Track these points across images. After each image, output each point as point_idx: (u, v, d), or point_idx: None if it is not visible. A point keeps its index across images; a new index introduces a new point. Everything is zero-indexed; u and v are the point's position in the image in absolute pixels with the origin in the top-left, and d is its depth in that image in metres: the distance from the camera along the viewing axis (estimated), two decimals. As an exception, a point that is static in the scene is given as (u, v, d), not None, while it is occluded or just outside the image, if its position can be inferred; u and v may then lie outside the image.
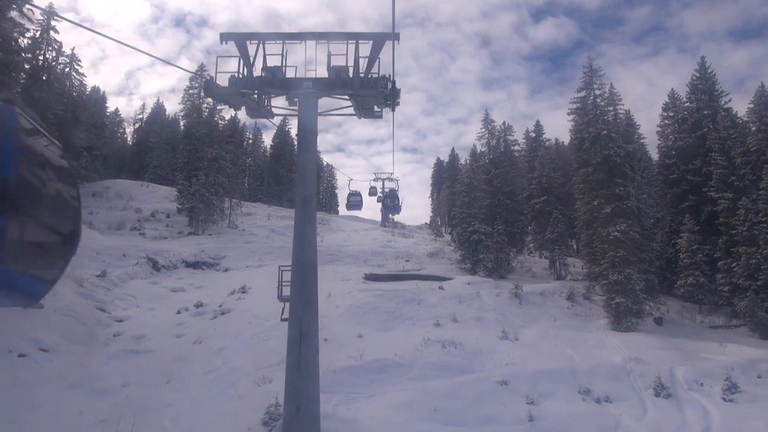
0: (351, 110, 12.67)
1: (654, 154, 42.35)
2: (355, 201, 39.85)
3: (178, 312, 27.81)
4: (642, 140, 43.47)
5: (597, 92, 31.70)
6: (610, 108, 31.99)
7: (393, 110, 12.46)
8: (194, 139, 46.38)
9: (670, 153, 36.67)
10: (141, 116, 72.22)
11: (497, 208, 40.27)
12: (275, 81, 11.73)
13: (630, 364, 20.22)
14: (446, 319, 23.41)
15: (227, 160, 46.15)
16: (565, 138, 64.02)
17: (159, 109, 70.14)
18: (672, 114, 37.90)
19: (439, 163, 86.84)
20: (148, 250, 36.44)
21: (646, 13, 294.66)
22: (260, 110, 12.29)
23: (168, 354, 21.83)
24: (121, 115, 72.45)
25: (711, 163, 33.07)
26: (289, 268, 11.60)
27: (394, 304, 24.33)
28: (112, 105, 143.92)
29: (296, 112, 11.97)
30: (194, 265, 35.59)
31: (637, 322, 27.23)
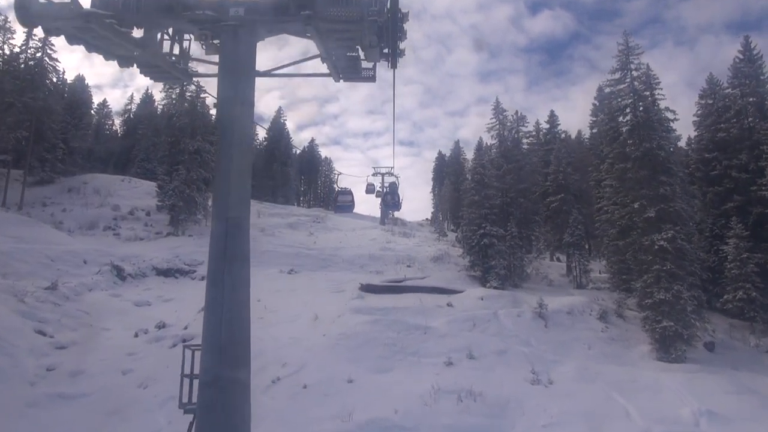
0: (320, 65, 6.99)
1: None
2: (345, 201, 29.71)
3: (136, 335, 22.27)
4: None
5: (634, 74, 25.84)
6: (647, 93, 26.23)
7: (394, 64, 6.84)
8: (176, 129, 40.65)
9: (709, 146, 30.91)
10: (129, 107, 66.44)
11: (509, 208, 34.59)
12: (176, 4, 6.09)
13: (705, 422, 14.74)
14: (460, 355, 17.85)
15: (211, 153, 40.39)
16: (570, 131, 58.19)
17: (148, 99, 64.19)
18: (711, 102, 32.11)
19: (440, 157, 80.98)
20: (115, 255, 30.83)
21: (643, 5, 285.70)
22: (158, 62, 6.65)
23: (103, 402, 16.31)
24: (109, 107, 66.53)
25: (762, 157, 27.42)
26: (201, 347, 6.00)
27: (395, 333, 18.77)
28: (108, 97, 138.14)
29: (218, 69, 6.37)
30: (166, 273, 30.00)
31: (686, 350, 21.73)
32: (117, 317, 24.59)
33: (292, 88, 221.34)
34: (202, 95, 42.48)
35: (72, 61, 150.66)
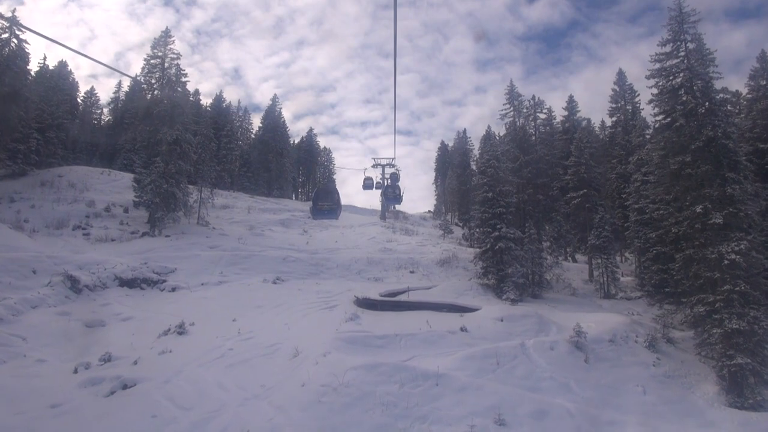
0: None
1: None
2: (325, 206, 17.27)
3: (75, 370, 17.01)
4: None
5: (690, 46, 20.21)
6: (702, 70, 20.69)
7: None
8: (154, 117, 35.18)
9: (763, 135, 25.39)
10: (117, 95, 60.71)
11: (527, 206, 29.22)
12: None
13: None
14: (486, 420, 12.54)
15: (193, 144, 35.02)
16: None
17: (137, 86, 58.43)
18: (763, 83, 26.53)
19: (443, 147, 75.28)
20: (73, 261, 25.51)
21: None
22: None
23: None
24: (98, 95, 60.80)
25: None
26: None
27: (397, 386, 13.49)
28: (103, 87, 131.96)
29: None
30: (130, 283, 24.72)
31: (764, 393, 16.51)
32: (59, 344, 19.31)
33: (288, 77, 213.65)
34: (183, 79, 37.04)
35: (66, 51, 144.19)
